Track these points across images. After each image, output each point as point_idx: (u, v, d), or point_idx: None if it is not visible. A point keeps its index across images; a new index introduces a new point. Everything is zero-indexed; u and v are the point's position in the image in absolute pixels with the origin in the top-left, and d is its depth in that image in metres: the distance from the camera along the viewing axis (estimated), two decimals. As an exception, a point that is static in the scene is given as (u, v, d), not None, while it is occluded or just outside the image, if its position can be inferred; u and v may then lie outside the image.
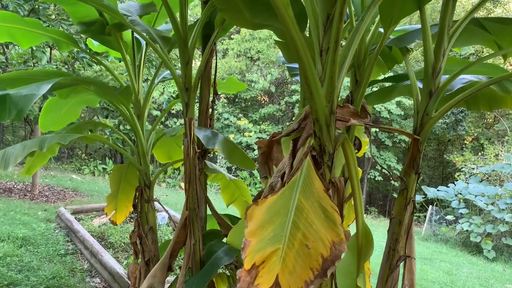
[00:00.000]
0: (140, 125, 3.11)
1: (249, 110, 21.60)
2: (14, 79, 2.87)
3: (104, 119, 8.23)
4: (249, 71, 21.13)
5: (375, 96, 2.60)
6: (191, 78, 2.60)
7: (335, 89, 1.35)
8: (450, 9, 1.90)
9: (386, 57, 2.70)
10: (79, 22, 3.07)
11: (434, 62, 1.93)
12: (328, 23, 1.31)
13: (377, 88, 6.55)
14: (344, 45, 1.66)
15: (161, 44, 2.78)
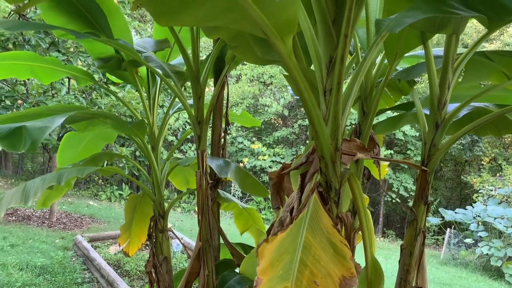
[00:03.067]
0: (155, 156, 3.19)
1: (262, 134, 21.70)
2: (34, 115, 3.00)
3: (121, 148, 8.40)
4: (262, 95, 21.34)
5: (383, 126, 2.64)
6: (203, 112, 2.68)
7: (339, 127, 1.40)
8: (453, 43, 1.95)
9: (393, 88, 2.75)
10: (96, 58, 3.20)
11: (440, 95, 1.97)
12: (330, 65, 1.38)
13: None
14: (350, 78, 1.72)
15: (175, 79, 2.89)
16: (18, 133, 1.75)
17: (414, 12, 1.51)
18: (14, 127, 1.77)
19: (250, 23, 1.05)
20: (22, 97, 7.01)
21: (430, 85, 1.99)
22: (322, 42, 1.41)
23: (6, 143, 1.69)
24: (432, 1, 1.57)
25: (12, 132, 1.74)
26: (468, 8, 1.59)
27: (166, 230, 3.20)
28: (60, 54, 7.22)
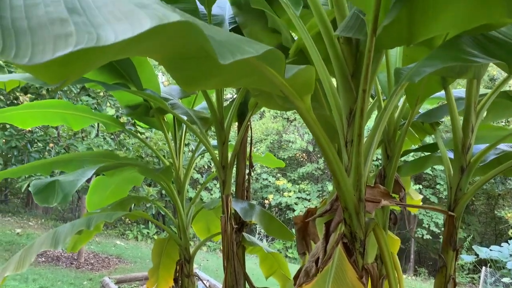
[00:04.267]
0: (180, 200, 3.23)
1: (287, 170, 21.62)
2: (65, 161, 3.12)
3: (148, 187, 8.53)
4: (286, 132, 21.42)
5: (408, 168, 2.61)
6: (227, 157, 2.73)
7: (361, 177, 1.40)
8: (474, 87, 1.95)
9: (418, 128, 2.73)
10: (125, 106, 3.33)
11: (463, 138, 1.95)
12: (351, 117, 1.40)
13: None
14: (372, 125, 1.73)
15: (200, 125, 2.96)
16: (51, 187, 1.83)
17: (433, 61, 1.52)
18: (48, 182, 1.85)
19: (269, 85, 1.09)
20: (53, 140, 7.27)
21: (453, 128, 1.98)
22: (341, 95, 1.44)
23: (39, 198, 1.77)
24: (450, 48, 1.58)
25: (46, 187, 1.82)
26: (487, 55, 1.59)
27: (192, 275, 3.19)
28: (90, 98, 7.52)
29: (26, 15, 0.55)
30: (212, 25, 0.87)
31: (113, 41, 0.53)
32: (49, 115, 3.30)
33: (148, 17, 0.58)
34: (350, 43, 1.42)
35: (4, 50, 0.48)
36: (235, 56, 0.73)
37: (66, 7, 0.58)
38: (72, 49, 0.50)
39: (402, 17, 1.18)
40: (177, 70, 1.03)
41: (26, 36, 0.51)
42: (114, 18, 0.58)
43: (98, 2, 0.63)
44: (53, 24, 0.54)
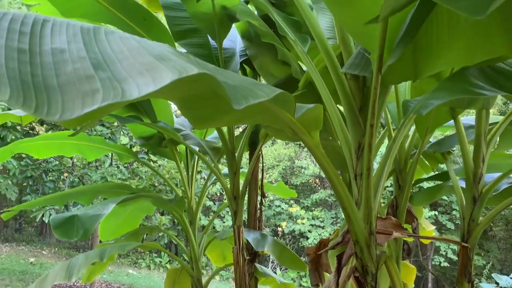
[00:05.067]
0: (192, 230, 3.25)
1: (300, 196, 21.46)
2: (79, 193, 3.18)
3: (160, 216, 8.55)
4: (298, 158, 21.40)
5: (420, 198, 2.60)
6: (239, 187, 2.75)
7: (371, 210, 1.42)
8: (484, 117, 1.97)
9: (429, 157, 2.74)
10: (139, 137, 3.40)
11: (474, 168, 1.96)
12: (359, 151, 1.43)
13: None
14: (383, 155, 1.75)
15: (211, 155, 3.01)
16: (71, 222, 1.87)
17: (440, 93, 1.55)
18: (67, 217, 1.89)
19: (279, 123, 1.13)
20: (68, 170, 7.39)
21: (464, 158, 1.99)
22: (350, 128, 1.47)
23: (60, 232, 1.81)
24: (457, 81, 1.60)
25: (65, 221, 1.86)
26: (495, 87, 1.61)
27: (204, 306, 3.17)
28: (105, 128, 7.66)
29: (55, 72, 0.60)
30: (225, 70, 0.92)
31: (137, 96, 0.58)
32: (64, 146, 3.39)
33: (169, 70, 0.63)
34: (357, 79, 1.46)
35: (37, 108, 0.53)
36: (248, 101, 0.77)
37: (91, 63, 0.63)
38: (99, 105, 0.55)
39: (407, 54, 1.22)
40: (189, 109, 1.08)
41: (57, 93, 0.56)
42: (136, 71, 0.63)
43: (120, 55, 0.68)
44: (80, 80, 0.59)
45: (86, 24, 0.75)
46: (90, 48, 0.66)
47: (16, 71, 0.56)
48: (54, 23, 0.70)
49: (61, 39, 0.66)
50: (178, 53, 0.77)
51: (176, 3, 2.62)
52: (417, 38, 1.16)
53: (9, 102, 0.51)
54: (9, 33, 0.63)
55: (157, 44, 0.77)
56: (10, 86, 0.52)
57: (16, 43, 0.62)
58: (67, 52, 0.64)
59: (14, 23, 0.65)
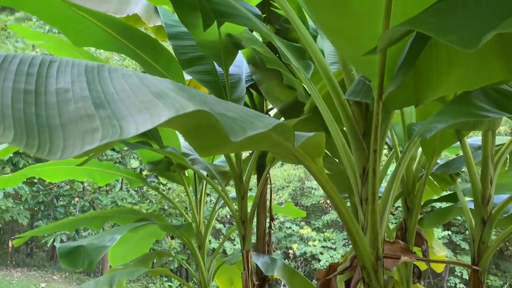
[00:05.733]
0: (201, 255, 3.23)
1: (311, 218, 21.24)
2: (89, 219, 3.20)
3: (170, 240, 8.53)
4: (308, 178, 21.28)
5: (430, 220, 2.58)
6: (247, 211, 2.75)
7: (378, 235, 1.41)
8: (490, 138, 1.96)
9: (438, 178, 2.72)
10: (148, 162, 3.44)
11: (483, 190, 1.94)
12: (364, 175, 1.43)
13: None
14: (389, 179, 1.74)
15: (219, 179, 3.02)
16: (77, 252, 1.89)
17: (444, 116, 1.55)
18: (73, 246, 1.91)
19: (282, 149, 1.14)
20: (79, 195, 7.45)
21: (471, 180, 1.97)
22: (354, 153, 1.48)
23: (66, 262, 1.82)
24: (461, 104, 1.61)
25: (72, 251, 1.87)
26: (499, 109, 1.61)
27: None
28: (115, 152, 7.75)
29: (58, 111, 0.62)
30: (227, 102, 0.94)
31: (135, 133, 0.60)
32: (75, 171, 3.43)
33: (166, 108, 0.65)
34: (360, 104, 1.48)
35: (39, 147, 0.55)
36: (245, 132, 0.79)
37: (93, 102, 0.65)
38: (98, 144, 0.57)
39: (407, 81, 1.23)
40: (193, 138, 1.10)
41: (58, 132, 0.58)
42: (135, 109, 0.65)
43: (121, 93, 0.70)
44: (81, 119, 0.61)
45: (91, 63, 0.78)
46: (93, 87, 0.69)
47: (21, 112, 0.59)
48: (60, 63, 0.73)
49: (66, 79, 0.69)
50: (179, 89, 0.79)
51: (182, 32, 2.68)
52: (417, 65, 1.18)
53: (12, 143, 0.53)
54: (17, 75, 0.66)
55: (159, 80, 0.80)
56: (14, 128, 0.55)
57: (23, 84, 0.64)
58: (71, 92, 0.66)
59: (23, 65, 0.69)
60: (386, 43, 0.89)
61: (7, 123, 0.55)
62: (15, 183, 3.46)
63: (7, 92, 0.62)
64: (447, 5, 0.82)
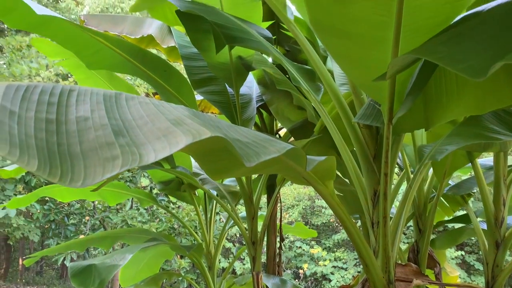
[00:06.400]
0: (211, 276, 3.22)
1: (321, 237, 21.00)
2: (100, 239, 3.22)
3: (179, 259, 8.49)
4: (318, 197, 21.13)
5: (442, 241, 2.55)
6: (257, 232, 2.75)
7: (390, 259, 1.40)
8: (502, 160, 1.95)
9: (450, 199, 2.70)
10: (158, 182, 3.46)
11: (495, 212, 1.93)
12: (375, 198, 1.43)
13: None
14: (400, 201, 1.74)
15: (229, 199, 3.03)
16: (88, 271, 1.90)
17: (455, 138, 1.56)
18: (85, 265, 1.92)
19: (293, 173, 1.15)
20: (89, 213, 7.48)
21: (484, 202, 1.96)
22: (365, 176, 1.48)
23: (77, 281, 1.83)
24: (472, 126, 1.61)
25: (83, 270, 1.89)
26: (510, 130, 1.61)
27: None
28: (126, 171, 7.80)
29: (79, 139, 0.64)
30: (237, 126, 0.96)
31: (154, 160, 0.62)
32: (87, 191, 3.46)
33: (183, 135, 0.67)
34: (370, 127, 1.49)
35: (62, 176, 0.57)
36: (259, 157, 0.81)
37: (112, 130, 0.67)
38: (119, 171, 0.59)
39: (417, 105, 1.24)
40: (205, 162, 1.12)
41: (79, 160, 0.60)
42: (153, 136, 0.67)
43: (139, 121, 0.73)
44: (102, 147, 0.63)
45: (109, 91, 0.81)
46: (111, 115, 0.71)
47: (43, 141, 0.61)
48: (79, 92, 0.76)
49: (85, 107, 0.72)
50: (194, 115, 0.81)
51: (195, 53, 2.73)
52: (427, 90, 1.19)
53: (37, 172, 0.55)
54: (39, 104, 0.68)
55: (175, 107, 0.82)
56: (38, 157, 0.57)
57: (45, 114, 0.67)
58: (91, 120, 0.69)
59: (44, 94, 0.71)
60: (396, 70, 0.90)
61: (31, 152, 0.57)
62: (28, 203, 3.50)
63: (30, 122, 0.64)
64: (455, 34, 0.84)
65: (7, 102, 0.65)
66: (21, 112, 0.65)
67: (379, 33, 1.00)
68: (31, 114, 0.66)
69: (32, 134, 0.61)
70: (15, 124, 0.61)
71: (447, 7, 0.91)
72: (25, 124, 0.63)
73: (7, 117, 0.61)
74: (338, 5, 0.98)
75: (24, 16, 2.07)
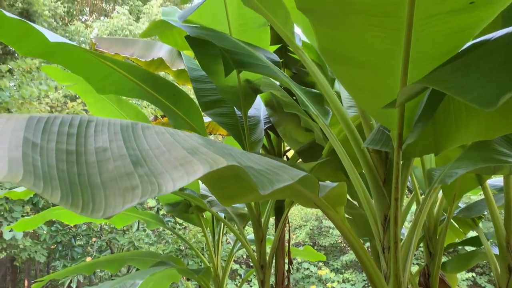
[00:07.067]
0: (220, 300, 3.19)
1: (329, 258, 20.70)
2: (107, 262, 3.21)
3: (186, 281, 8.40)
4: (325, 217, 20.93)
5: (453, 265, 2.52)
6: (265, 256, 2.73)
7: (401, 285, 1.39)
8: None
9: (460, 221, 2.68)
10: (166, 204, 3.47)
11: (507, 236, 1.91)
12: (386, 223, 1.43)
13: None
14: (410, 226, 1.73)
15: (237, 221, 3.02)
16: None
17: (464, 162, 1.56)
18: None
19: (304, 199, 1.16)
20: (96, 235, 7.47)
21: (495, 225, 1.94)
22: (375, 200, 1.48)
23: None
24: (481, 149, 1.61)
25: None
26: (521, 154, 1.60)
27: None
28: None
29: (99, 170, 0.66)
30: (249, 153, 0.97)
31: (172, 189, 0.63)
32: (95, 214, 3.47)
33: (200, 164, 0.69)
34: (380, 151, 1.50)
35: (84, 207, 0.58)
36: (273, 185, 0.82)
37: (131, 160, 0.69)
38: (139, 201, 0.60)
39: (427, 130, 1.25)
40: (217, 188, 1.13)
41: (100, 191, 0.62)
42: (171, 166, 0.69)
43: (156, 150, 0.74)
44: (121, 177, 0.65)
45: (125, 121, 0.83)
46: (129, 145, 0.73)
47: (65, 172, 0.63)
48: (97, 123, 0.78)
49: (104, 138, 0.74)
50: (208, 143, 0.83)
51: (203, 76, 2.77)
52: (436, 115, 1.20)
53: (60, 203, 0.57)
54: (59, 135, 0.71)
55: (189, 135, 0.84)
56: (60, 188, 0.59)
57: (65, 145, 0.69)
58: (109, 151, 0.71)
59: (64, 126, 0.73)
60: (405, 98, 0.92)
61: (54, 184, 0.59)
62: (35, 225, 3.51)
63: (51, 153, 0.66)
64: (463, 64, 0.85)
65: (29, 134, 0.67)
66: (43, 143, 0.67)
67: (387, 61, 1.02)
68: (52, 145, 0.68)
69: (54, 165, 0.63)
70: (38, 156, 0.63)
71: (456, 36, 0.93)
72: (47, 155, 0.65)
73: (30, 149, 0.63)
74: (346, 34, 1.00)
75: (36, 44, 2.10)
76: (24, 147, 0.62)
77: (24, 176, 0.54)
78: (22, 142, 0.63)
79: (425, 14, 0.91)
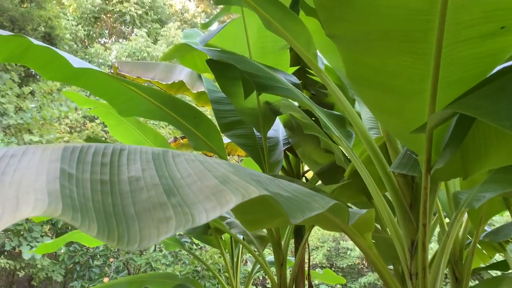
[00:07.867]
0: (238, 323, 3.14)
1: (347, 280, 20.30)
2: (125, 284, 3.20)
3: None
4: (343, 238, 20.62)
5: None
6: (286, 279, 2.69)
7: (431, 313, 1.35)
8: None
9: (486, 245, 2.60)
10: (185, 225, 3.46)
11: (538, 261, 1.84)
12: (413, 249, 1.39)
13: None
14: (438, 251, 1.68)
15: (256, 244, 2.99)
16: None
17: (492, 185, 1.52)
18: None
19: (331, 225, 1.14)
20: (113, 255, 7.48)
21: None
22: (401, 225, 1.45)
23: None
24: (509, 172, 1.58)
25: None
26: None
27: None
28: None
29: (133, 200, 0.66)
30: (277, 179, 0.96)
31: (205, 221, 0.63)
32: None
33: (232, 194, 0.68)
34: (406, 175, 1.47)
35: (119, 239, 0.58)
36: (304, 214, 0.81)
37: (164, 190, 0.69)
38: (173, 233, 0.60)
39: (455, 155, 1.23)
40: (243, 214, 1.13)
41: (134, 222, 0.62)
42: (203, 196, 0.69)
43: (188, 179, 0.74)
44: (155, 208, 0.65)
45: (156, 149, 0.84)
46: (161, 173, 0.73)
47: (100, 203, 0.63)
48: (129, 151, 0.79)
49: (136, 167, 0.74)
50: (237, 171, 0.83)
51: (223, 98, 2.79)
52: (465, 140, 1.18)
53: (97, 237, 0.57)
54: (93, 165, 0.71)
55: (218, 163, 0.84)
56: (97, 221, 0.59)
57: (99, 175, 0.69)
58: (142, 180, 0.71)
59: (97, 156, 0.74)
60: (435, 123, 0.91)
61: (90, 215, 0.59)
62: (56, 248, 3.54)
63: (87, 184, 0.67)
64: (496, 89, 0.84)
65: (65, 165, 0.68)
66: (78, 174, 0.68)
67: (416, 85, 1.01)
68: (87, 176, 0.68)
69: (89, 196, 0.63)
70: (74, 187, 0.63)
71: (486, 60, 0.92)
72: (83, 186, 0.65)
73: (67, 181, 0.64)
74: (375, 60, 1.00)
75: (61, 69, 2.15)
76: (61, 179, 0.63)
77: (64, 210, 0.55)
78: (59, 173, 0.64)
79: (454, 39, 0.91)
